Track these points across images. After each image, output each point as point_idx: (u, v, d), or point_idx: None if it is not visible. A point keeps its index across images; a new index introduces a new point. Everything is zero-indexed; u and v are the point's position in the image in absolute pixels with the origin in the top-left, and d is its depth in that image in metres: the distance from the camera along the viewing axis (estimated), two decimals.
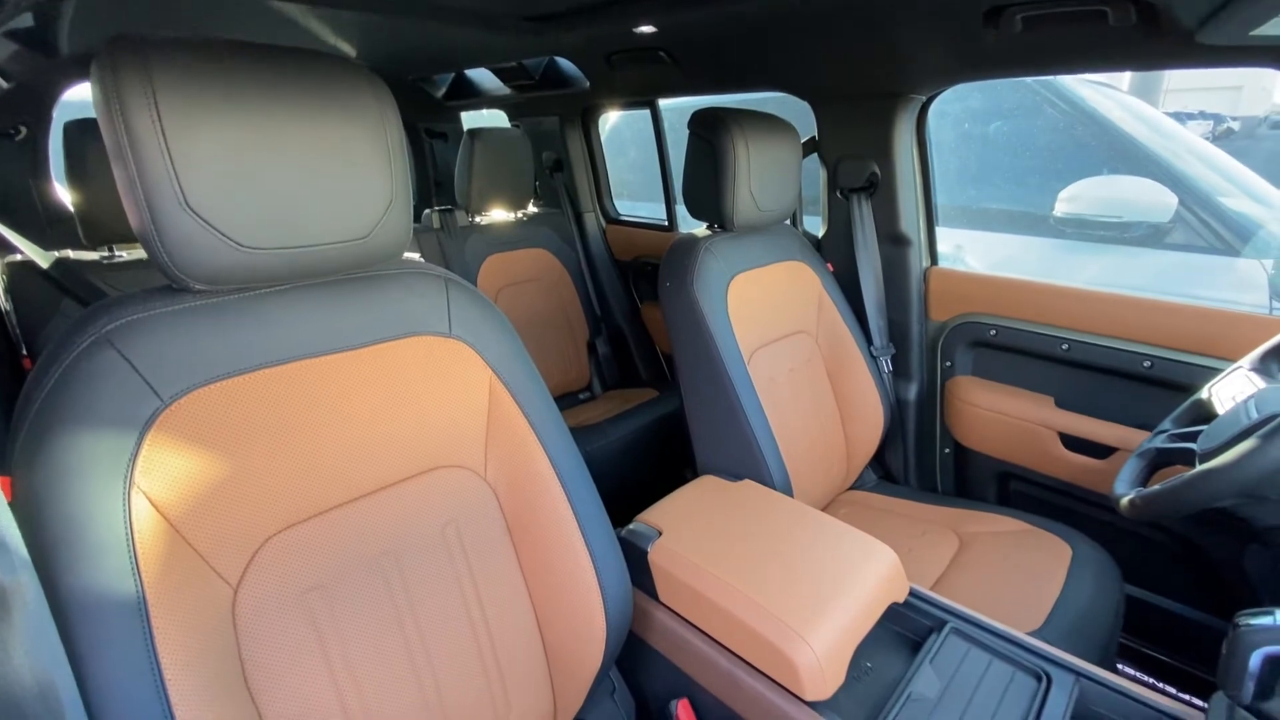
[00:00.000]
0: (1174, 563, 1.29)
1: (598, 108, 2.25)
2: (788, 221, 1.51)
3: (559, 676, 0.83)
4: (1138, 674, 1.36)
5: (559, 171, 2.39)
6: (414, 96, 2.48)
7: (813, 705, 0.75)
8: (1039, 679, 0.79)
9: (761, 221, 1.32)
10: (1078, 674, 0.78)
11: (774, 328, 1.34)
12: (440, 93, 2.46)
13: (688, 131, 1.29)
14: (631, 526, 0.99)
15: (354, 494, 0.70)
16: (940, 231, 1.57)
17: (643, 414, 1.91)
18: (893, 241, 1.52)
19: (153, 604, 0.53)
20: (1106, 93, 2.37)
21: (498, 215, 2.15)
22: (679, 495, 1.08)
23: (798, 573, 0.85)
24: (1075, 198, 2.14)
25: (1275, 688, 0.57)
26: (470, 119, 2.74)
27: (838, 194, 1.56)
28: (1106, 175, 2.17)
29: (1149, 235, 2.03)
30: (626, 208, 2.47)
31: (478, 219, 2.11)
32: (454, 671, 0.74)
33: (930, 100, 1.43)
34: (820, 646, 0.75)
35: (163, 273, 0.59)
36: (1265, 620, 0.57)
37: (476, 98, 2.40)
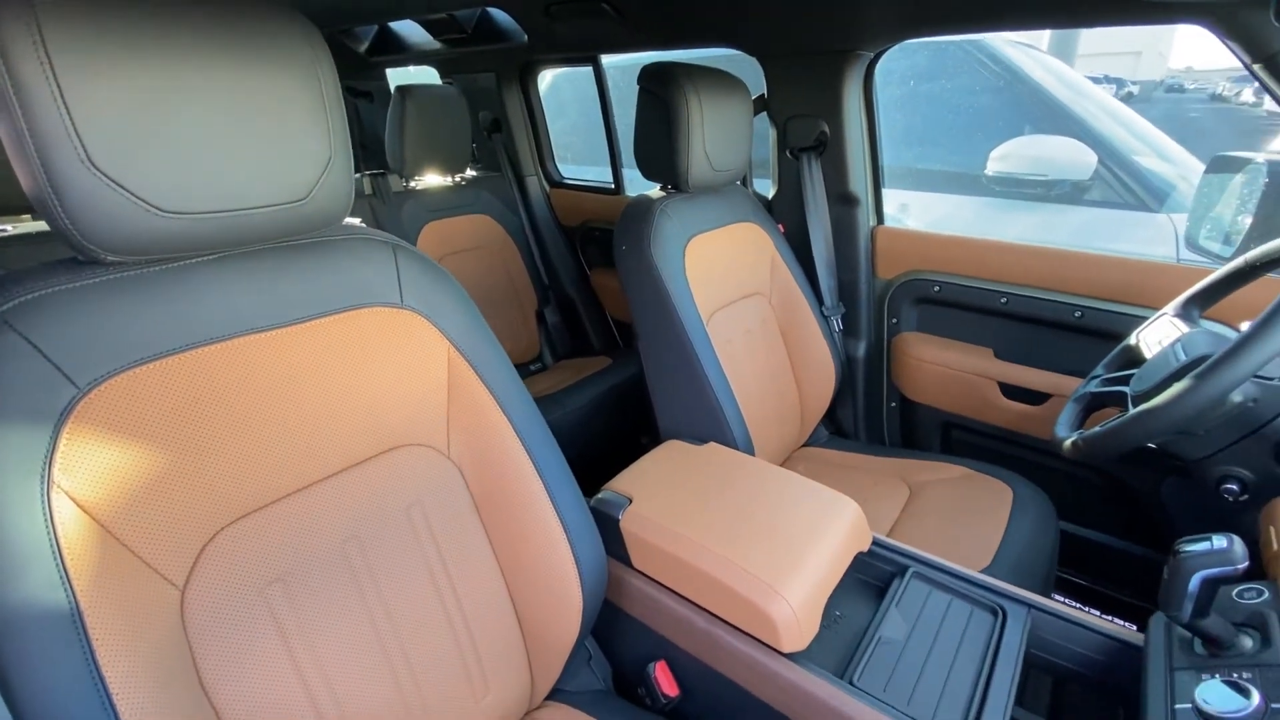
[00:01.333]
0: (1102, 498, 1.39)
1: (537, 64, 2.15)
2: (739, 182, 1.50)
3: (535, 650, 0.81)
4: (1068, 601, 1.48)
5: (497, 132, 2.28)
6: (334, 51, 2.28)
7: (789, 656, 0.77)
8: (995, 614, 0.83)
9: (715, 181, 1.30)
10: (1029, 606, 0.83)
11: (731, 290, 1.34)
12: (363, 47, 2.28)
13: (636, 89, 1.24)
14: (601, 495, 0.97)
15: (309, 479, 0.65)
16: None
17: (598, 383, 1.88)
18: (842, 201, 1.54)
19: (88, 613, 0.48)
20: (1031, 54, 2.45)
21: (433, 180, 2.04)
22: (646, 461, 1.07)
23: (768, 530, 0.86)
24: (1005, 157, 2.23)
25: (1210, 607, 0.62)
26: (397, 77, 2.57)
27: (788, 154, 1.56)
28: (1031, 135, 2.26)
29: (1071, 192, 2.14)
30: (569, 173, 2.39)
31: (413, 184, 1.99)
32: (428, 656, 0.72)
33: (877, 57, 1.43)
34: (795, 599, 0.76)
35: (67, 243, 0.51)
36: (1203, 546, 0.62)
37: (403, 53, 2.25)
